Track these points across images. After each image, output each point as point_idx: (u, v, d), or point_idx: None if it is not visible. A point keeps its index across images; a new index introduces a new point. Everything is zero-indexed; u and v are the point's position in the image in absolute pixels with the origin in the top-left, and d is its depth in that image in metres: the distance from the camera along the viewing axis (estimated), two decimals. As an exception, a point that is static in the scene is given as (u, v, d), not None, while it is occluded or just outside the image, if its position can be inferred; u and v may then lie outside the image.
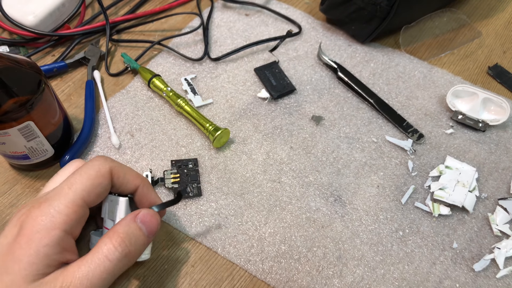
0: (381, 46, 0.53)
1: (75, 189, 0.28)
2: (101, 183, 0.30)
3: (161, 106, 0.47)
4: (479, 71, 0.51)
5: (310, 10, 0.57)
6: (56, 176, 0.32)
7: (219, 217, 0.39)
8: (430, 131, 0.46)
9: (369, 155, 0.44)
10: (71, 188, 0.28)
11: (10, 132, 0.35)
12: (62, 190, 0.28)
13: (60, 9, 0.52)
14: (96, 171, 0.30)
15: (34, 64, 0.37)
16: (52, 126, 0.39)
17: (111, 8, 0.56)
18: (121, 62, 0.51)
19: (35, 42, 0.51)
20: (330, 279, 0.36)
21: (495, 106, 0.46)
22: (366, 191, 0.41)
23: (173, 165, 0.42)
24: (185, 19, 0.56)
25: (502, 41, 0.54)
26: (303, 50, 0.52)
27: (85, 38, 0.53)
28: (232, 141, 0.44)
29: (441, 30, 0.55)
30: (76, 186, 0.29)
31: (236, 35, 0.54)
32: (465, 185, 0.41)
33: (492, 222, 0.39)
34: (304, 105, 0.47)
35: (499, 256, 0.37)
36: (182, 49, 0.52)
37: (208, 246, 0.38)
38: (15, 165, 0.42)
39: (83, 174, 0.29)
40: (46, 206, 0.27)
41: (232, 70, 0.50)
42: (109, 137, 0.44)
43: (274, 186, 0.41)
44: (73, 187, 0.28)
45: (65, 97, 0.48)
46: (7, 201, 0.40)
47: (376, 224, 0.39)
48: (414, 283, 0.36)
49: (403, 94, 0.49)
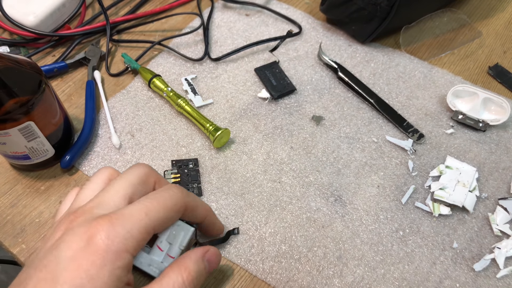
0: (381, 46, 0.53)
1: (151, 217, 0.28)
2: (174, 217, 0.30)
3: (162, 106, 0.47)
4: (480, 71, 0.51)
5: (310, 10, 0.57)
6: (90, 184, 0.31)
7: (220, 217, 0.39)
8: (431, 131, 0.46)
9: (369, 155, 0.44)
10: (148, 215, 0.27)
11: (10, 132, 0.35)
12: (137, 213, 0.27)
13: (61, 10, 0.52)
14: (173, 204, 0.29)
15: (34, 64, 0.37)
16: (53, 126, 0.39)
17: (111, 9, 0.56)
18: (122, 62, 0.51)
19: (35, 42, 0.51)
20: (331, 279, 0.36)
21: (496, 106, 0.46)
22: (366, 191, 0.41)
23: (173, 165, 0.42)
24: (185, 19, 0.56)
25: (502, 41, 0.54)
26: (304, 50, 0.52)
27: (86, 38, 0.53)
28: (232, 141, 0.44)
29: (441, 30, 0.55)
30: (152, 214, 0.28)
31: (237, 35, 0.54)
32: (465, 185, 0.41)
33: (493, 222, 0.40)
34: (304, 105, 0.47)
35: (499, 256, 0.37)
36: (182, 49, 0.52)
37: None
38: (15, 165, 0.42)
39: (161, 203, 0.29)
40: (120, 227, 0.26)
41: (233, 70, 0.50)
42: (109, 137, 0.44)
43: (275, 186, 0.41)
44: (150, 214, 0.28)
45: (65, 97, 0.48)
46: (8, 201, 0.40)
47: (376, 224, 0.39)
48: (414, 283, 0.36)
49: (404, 94, 0.49)
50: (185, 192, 0.31)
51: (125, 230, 0.26)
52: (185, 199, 0.30)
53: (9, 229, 0.38)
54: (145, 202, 0.28)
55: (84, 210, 0.28)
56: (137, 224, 0.27)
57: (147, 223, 0.27)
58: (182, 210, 0.30)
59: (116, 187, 0.29)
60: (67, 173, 0.42)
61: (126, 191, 0.29)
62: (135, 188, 0.30)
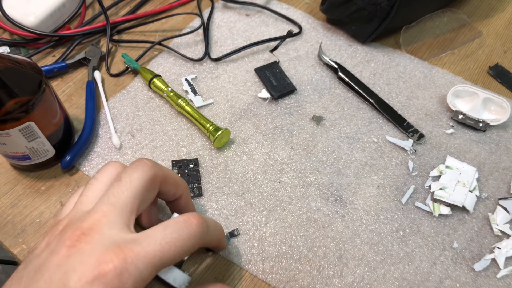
0: (381, 46, 0.53)
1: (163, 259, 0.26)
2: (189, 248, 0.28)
3: (162, 106, 0.47)
4: (480, 71, 0.51)
5: (310, 10, 0.57)
6: (96, 183, 0.30)
7: (220, 217, 0.39)
8: (431, 131, 0.46)
9: (369, 155, 0.44)
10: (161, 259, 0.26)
11: (11, 132, 0.35)
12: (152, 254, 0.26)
13: (61, 10, 0.52)
14: (187, 245, 0.28)
15: (34, 64, 0.37)
16: (53, 127, 0.39)
17: (111, 9, 0.56)
18: (122, 62, 0.51)
19: (35, 42, 0.51)
20: (331, 279, 0.36)
21: (496, 106, 0.46)
22: (366, 191, 0.41)
23: (173, 165, 0.42)
24: (185, 20, 0.56)
25: (502, 41, 0.54)
26: (304, 50, 0.52)
27: (86, 38, 0.53)
28: (232, 141, 0.44)
29: (441, 30, 0.55)
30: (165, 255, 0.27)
31: (237, 35, 0.54)
32: (465, 185, 0.41)
33: (493, 222, 0.40)
34: (304, 105, 0.47)
35: (500, 256, 0.37)
36: (182, 49, 0.52)
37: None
38: (16, 166, 0.42)
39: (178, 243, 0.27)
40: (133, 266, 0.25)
41: (233, 70, 0.50)
42: (110, 138, 0.44)
43: (275, 186, 0.41)
44: (163, 257, 0.26)
45: (65, 97, 0.48)
46: (8, 202, 0.40)
47: (376, 224, 0.39)
48: (414, 283, 0.36)
49: (404, 94, 0.49)
50: (155, 164, 0.30)
51: (138, 271, 0.25)
52: (160, 172, 0.30)
53: (9, 229, 0.38)
54: (162, 240, 0.27)
55: (91, 226, 0.26)
56: (150, 265, 0.25)
57: (158, 264, 0.26)
58: (158, 185, 0.30)
59: (124, 199, 0.28)
60: (67, 173, 0.42)
61: (134, 205, 0.28)
62: (142, 198, 0.29)
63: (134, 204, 0.28)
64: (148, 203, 0.30)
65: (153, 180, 0.30)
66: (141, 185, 0.28)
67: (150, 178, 0.29)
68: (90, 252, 0.25)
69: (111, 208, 0.27)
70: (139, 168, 0.29)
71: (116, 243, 0.25)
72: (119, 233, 0.26)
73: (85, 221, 0.26)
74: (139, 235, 0.27)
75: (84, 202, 0.29)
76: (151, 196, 0.30)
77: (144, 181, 0.29)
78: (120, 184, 0.28)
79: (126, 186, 0.28)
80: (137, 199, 0.28)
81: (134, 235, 0.27)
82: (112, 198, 0.27)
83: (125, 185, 0.28)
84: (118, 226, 0.27)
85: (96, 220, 0.26)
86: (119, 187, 0.28)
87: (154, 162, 0.30)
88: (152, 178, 0.29)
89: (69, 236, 0.26)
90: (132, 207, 0.28)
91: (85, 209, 0.28)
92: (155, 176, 0.30)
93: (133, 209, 0.28)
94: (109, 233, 0.26)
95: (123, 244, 0.25)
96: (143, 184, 0.29)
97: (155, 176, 0.30)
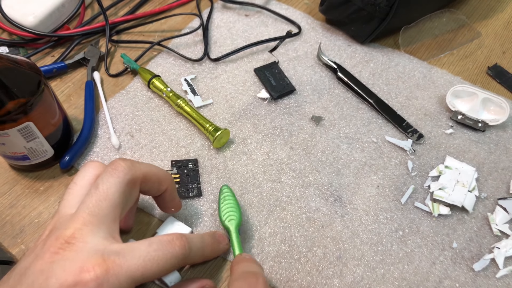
0: (380, 46, 0.53)
1: (144, 274, 0.27)
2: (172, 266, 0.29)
3: (161, 106, 0.47)
4: (479, 71, 0.51)
5: (309, 10, 0.57)
6: (75, 187, 0.30)
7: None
8: (430, 131, 0.46)
9: (369, 155, 0.44)
10: (143, 275, 0.27)
11: (9, 132, 0.35)
12: (135, 268, 0.26)
13: (60, 10, 0.52)
14: (170, 259, 0.28)
15: (33, 64, 0.37)
16: (52, 127, 0.39)
17: (110, 9, 0.56)
18: (121, 62, 0.51)
19: (34, 42, 0.51)
20: (330, 279, 0.36)
21: (495, 106, 0.46)
22: (366, 191, 0.41)
23: (173, 165, 0.42)
24: (184, 20, 0.56)
25: (501, 41, 0.55)
26: (303, 51, 0.52)
27: (85, 38, 0.53)
28: (232, 141, 0.44)
29: (440, 31, 0.55)
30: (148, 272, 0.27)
31: (236, 35, 0.54)
32: (464, 185, 0.41)
33: (492, 222, 0.40)
34: (304, 105, 0.47)
35: (499, 256, 0.37)
36: (182, 49, 0.52)
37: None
38: (14, 166, 0.42)
39: (160, 258, 0.27)
40: (114, 278, 0.25)
41: (232, 71, 0.50)
42: (109, 138, 0.44)
43: (274, 186, 0.41)
44: (145, 273, 0.27)
45: (64, 97, 0.48)
46: (7, 202, 0.40)
47: (376, 224, 0.39)
48: (414, 282, 0.36)
49: (403, 94, 0.49)
50: (183, 243, 0.29)
51: (118, 283, 0.25)
52: (142, 171, 0.30)
53: (8, 230, 0.38)
54: (146, 257, 0.27)
55: (74, 234, 0.26)
56: (130, 279, 0.26)
57: (139, 279, 0.26)
58: (138, 185, 0.30)
59: (104, 210, 0.27)
60: (66, 173, 0.42)
61: (115, 214, 0.28)
62: (122, 205, 0.29)
63: (116, 213, 0.28)
64: (130, 205, 0.30)
65: (131, 183, 0.29)
66: (119, 192, 0.28)
67: (128, 182, 0.29)
68: (73, 259, 0.25)
69: (91, 218, 0.27)
70: (114, 173, 0.29)
71: (99, 253, 0.26)
72: (103, 241, 0.27)
73: (67, 229, 0.27)
74: (123, 247, 0.27)
75: (66, 206, 0.29)
76: (132, 198, 0.30)
77: (121, 187, 0.28)
78: (98, 192, 0.28)
79: (104, 195, 0.28)
80: (117, 207, 0.28)
81: (118, 246, 0.27)
82: (92, 207, 0.27)
83: (102, 194, 0.28)
84: (101, 235, 0.27)
85: (78, 229, 0.27)
86: (97, 195, 0.28)
87: (130, 164, 0.30)
88: (130, 181, 0.29)
89: (53, 243, 0.26)
90: (114, 216, 0.28)
91: (68, 213, 0.28)
92: (133, 179, 0.29)
93: (115, 218, 0.28)
94: (93, 242, 0.26)
95: (107, 255, 0.26)
96: (121, 191, 0.28)
97: (133, 179, 0.29)
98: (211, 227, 0.38)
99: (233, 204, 0.38)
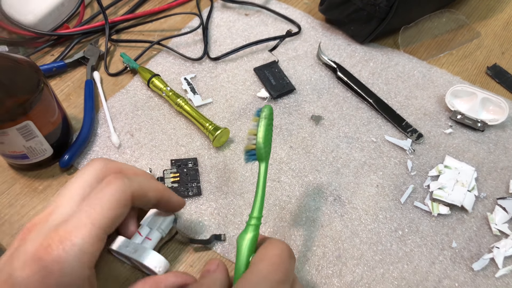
0: (380, 46, 0.53)
1: (98, 223, 0.26)
2: (123, 213, 0.28)
3: (161, 105, 0.47)
4: (478, 71, 0.51)
5: (309, 10, 0.57)
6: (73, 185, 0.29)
7: (219, 217, 0.39)
8: (429, 130, 0.46)
9: (368, 155, 0.44)
10: (93, 223, 0.26)
11: (9, 131, 0.35)
12: (82, 222, 0.26)
13: (60, 9, 0.52)
14: (117, 200, 0.28)
15: (33, 63, 0.37)
16: (51, 126, 0.39)
17: (110, 8, 0.56)
18: (120, 62, 0.51)
19: (34, 41, 0.51)
20: (330, 278, 0.36)
21: (494, 106, 0.46)
22: (365, 191, 0.41)
23: (172, 164, 0.42)
24: (184, 19, 0.56)
25: (500, 41, 0.55)
26: (303, 50, 0.52)
27: (84, 38, 0.53)
28: (231, 140, 0.44)
29: (440, 31, 0.55)
30: (97, 219, 0.26)
31: (236, 34, 0.54)
32: (464, 184, 0.41)
33: (491, 222, 0.40)
34: (303, 104, 0.47)
35: (498, 256, 0.37)
36: (181, 49, 0.52)
37: (207, 245, 0.38)
38: (14, 165, 0.41)
39: (104, 205, 0.27)
40: (69, 245, 0.25)
41: (232, 70, 0.50)
42: (108, 137, 0.44)
43: (274, 186, 0.41)
44: (95, 220, 0.26)
45: (64, 96, 0.47)
46: (6, 201, 0.40)
47: (375, 223, 0.39)
48: (413, 282, 0.36)
49: (402, 94, 0.49)
50: (127, 183, 0.29)
51: (76, 247, 0.25)
52: (130, 189, 0.29)
53: (6, 229, 0.38)
54: (87, 208, 0.27)
55: (40, 218, 0.28)
56: (87, 236, 0.26)
57: (96, 232, 0.26)
58: (130, 203, 0.29)
59: (72, 190, 0.28)
60: (65, 172, 0.42)
61: (81, 193, 0.28)
62: (91, 188, 0.29)
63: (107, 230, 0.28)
64: (120, 221, 0.29)
65: (127, 200, 0.29)
66: (113, 216, 0.28)
67: (124, 201, 0.28)
68: (33, 240, 0.26)
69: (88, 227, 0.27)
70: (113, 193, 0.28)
71: (55, 227, 0.26)
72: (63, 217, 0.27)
73: (36, 218, 0.28)
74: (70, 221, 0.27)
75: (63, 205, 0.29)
76: (124, 214, 0.29)
77: (117, 207, 0.28)
78: (93, 209, 0.27)
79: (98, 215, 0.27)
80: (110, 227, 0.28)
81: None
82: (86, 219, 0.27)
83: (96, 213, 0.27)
84: (65, 214, 0.28)
85: (45, 214, 0.28)
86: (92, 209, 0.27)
87: (129, 182, 0.29)
88: (126, 198, 0.29)
89: (22, 231, 0.28)
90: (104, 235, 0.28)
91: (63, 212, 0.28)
92: (130, 196, 0.29)
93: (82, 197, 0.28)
94: (54, 220, 0.27)
95: (59, 228, 0.26)
96: (115, 214, 0.28)
97: (130, 196, 0.29)
98: (210, 225, 0.38)
99: (269, 135, 0.33)
